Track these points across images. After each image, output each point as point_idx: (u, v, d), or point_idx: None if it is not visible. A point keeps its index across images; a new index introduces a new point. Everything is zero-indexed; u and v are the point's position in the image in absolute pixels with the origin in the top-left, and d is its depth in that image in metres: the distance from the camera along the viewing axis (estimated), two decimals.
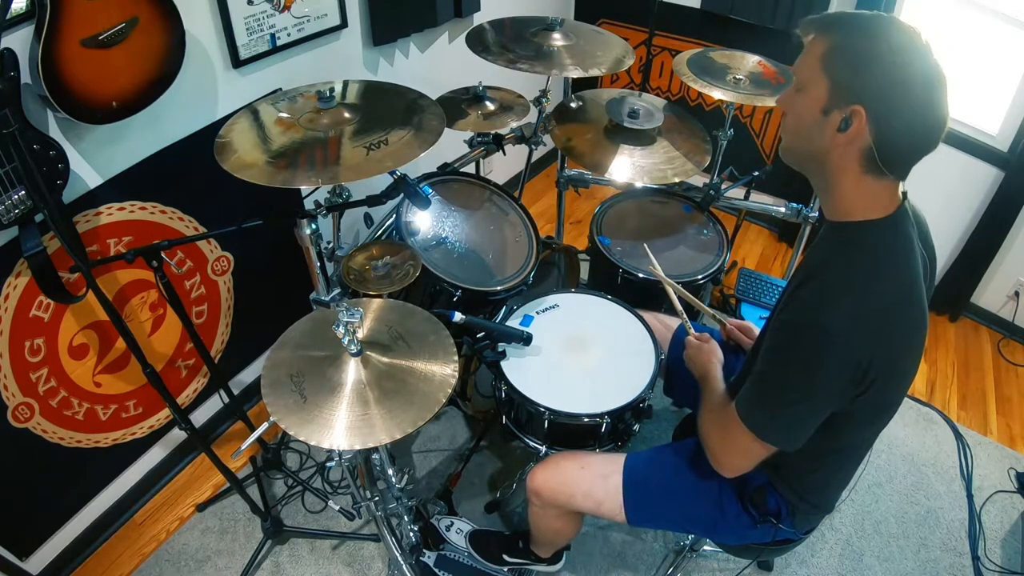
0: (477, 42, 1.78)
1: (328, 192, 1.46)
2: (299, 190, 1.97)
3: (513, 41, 1.79)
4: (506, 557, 1.67)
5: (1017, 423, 2.26)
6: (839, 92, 0.88)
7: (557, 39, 1.79)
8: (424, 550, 1.68)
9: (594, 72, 1.73)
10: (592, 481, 1.30)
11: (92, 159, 1.46)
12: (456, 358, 1.17)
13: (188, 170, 1.65)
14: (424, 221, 1.68)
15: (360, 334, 1.16)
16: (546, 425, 1.41)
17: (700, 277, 1.83)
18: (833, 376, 0.93)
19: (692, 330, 1.45)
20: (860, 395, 0.95)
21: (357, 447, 1.04)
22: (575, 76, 1.73)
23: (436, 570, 1.67)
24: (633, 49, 1.86)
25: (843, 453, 1.14)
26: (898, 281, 0.94)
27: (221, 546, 1.81)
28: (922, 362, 2.45)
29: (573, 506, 1.33)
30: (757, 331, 1.46)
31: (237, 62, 1.66)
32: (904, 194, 0.98)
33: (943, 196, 2.42)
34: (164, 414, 1.89)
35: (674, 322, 1.60)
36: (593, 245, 1.93)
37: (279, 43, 1.74)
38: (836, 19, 0.90)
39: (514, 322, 1.56)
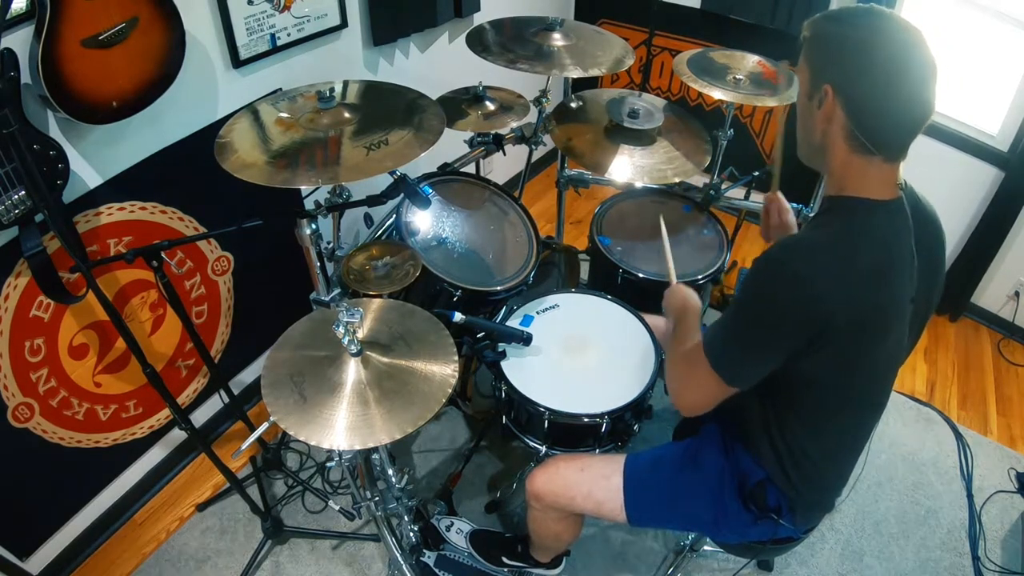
0: (477, 42, 1.78)
1: (328, 192, 1.46)
2: (299, 190, 1.97)
3: (513, 41, 1.79)
4: (505, 560, 1.67)
5: (1017, 423, 2.26)
6: (815, 76, 0.96)
7: (557, 39, 1.79)
8: (424, 550, 1.68)
9: (594, 72, 1.72)
10: (593, 483, 1.30)
11: (92, 159, 1.47)
12: (456, 358, 1.17)
13: (188, 170, 1.65)
14: (424, 221, 1.68)
15: (360, 334, 1.16)
16: (546, 425, 1.41)
17: (700, 277, 1.83)
18: (794, 320, 0.95)
19: (676, 280, 1.45)
20: (815, 352, 0.96)
21: (357, 447, 1.04)
22: (575, 76, 1.73)
23: (436, 570, 1.67)
24: (633, 49, 1.86)
25: (836, 445, 1.15)
26: (881, 257, 0.95)
27: (221, 546, 1.81)
28: (922, 362, 2.47)
29: (574, 508, 1.33)
30: (789, 217, 1.41)
31: (237, 62, 1.66)
32: (903, 188, 0.99)
33: (943, 196, 2.40)
34: (164, 414, 1.89)
35: None
36: (593, 245, 1.93)
37: (279, 43, 1.74)
38: (818, 16, 0.97)
39: (514, 322, 1.56)
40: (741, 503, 1.22)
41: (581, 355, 1.50)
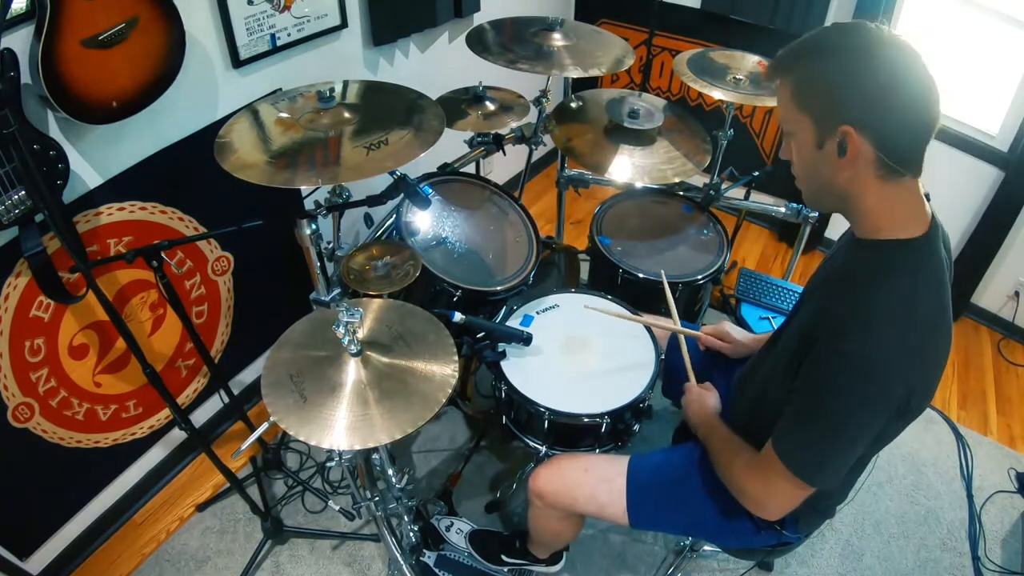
0: (477, 42, 1.78)
1: (328, 192, 1.46)
2: (299, 190, 1.97)
3: (513, 41, 1.79)
4: (504, 557, 1.67)
5: (1017, 423, 2.26)
6: (821, 122, 0.86)
7: (557, 39, 1.79)
8: (424, 550, 1.68)
9: (594, 72, 1.73)
10: (595, 484, 1.29)
11: (92, 159, 1.46)
12: (456, 358, 1.17)
13: (188, 170, 1.65)
14: (424, 221, 1.68)
15: (360, 334, 1.16)
16: (546, 425, 1.41)
17: (700, 277, 1.83)
18: (880, 406, 0.90)
19: (693, 377, 1.41)
20: (899, 419, 0.95)
21: (357, 447, 1.04)
22: (575, 76, 1.74)
23: (436, 570, 1.67)
24: (633, 49, 1.86)
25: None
26: (935, 305, 0.91)
27: (221, 546, 1.81)
28: None
29: (576, 509, 1.32)
30: (733, 333, 1.44)
31: (237, 62, 1.66)
32: (927, 196, 0.95)
33: (943, 196, 2.41)
34: (164, 414, 1.89)
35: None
36: (593, 245, 1.93)
37: (279, 43, 1.74)
38: (788, 55, 0.89)
39: (514, 322, 1.56)
40: (745, 513, 1.22)
41: (581, 355, 1.50)
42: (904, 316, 0.88)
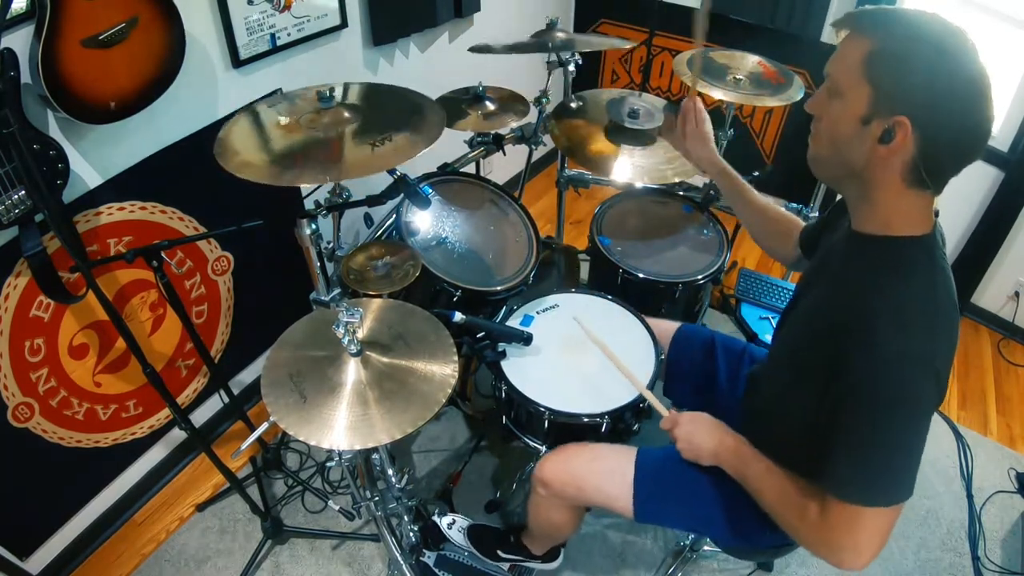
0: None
1: (328, 192, 1.46)
2: (299, 190, 1.97)
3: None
4: (500, 552, 1.66)
5: (1017, 423, 2.26)
6: (882, 101, 0.82)
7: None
8: (424, 550, 1.68)
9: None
10: (603, 475, 1.28)
11: (92, 159, 1.47)
12: (456, 358, 1.17)
13: (188, 170, 1.65)
14: (424, 221, 1.68)
15: (360, 334, 1.16)
16: (546, 425, 1.41)
17: (700, 277, 1.83)
18: (933, 394, 0.87)
19: (663, 407, 1.26)
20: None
21: (357, 447, 1.04)
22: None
23: (436, 570, 1.67)
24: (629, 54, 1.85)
25: None
26: (949, 296, 0.90)
27: (221, 546, 1.82)
28: None
29: (582, 499, 1.31)
30: (708, 130, 1.45)
31: (237, 62, 1.66)
32: (936, 213, 0.94)
33: (943, 196, 2.42)
34: (164, 414, 1.89)
35: (674, 322, 1.59)
36: (593, 245, 1.93)
37: (279, 43, 1.74)
38: (880, 17, 0.83)
39: (514, 322, 1.56)
40: (755, 511, 1.21)
41: (581, 355, 1.50)
42: (926, 304, 0.86)
